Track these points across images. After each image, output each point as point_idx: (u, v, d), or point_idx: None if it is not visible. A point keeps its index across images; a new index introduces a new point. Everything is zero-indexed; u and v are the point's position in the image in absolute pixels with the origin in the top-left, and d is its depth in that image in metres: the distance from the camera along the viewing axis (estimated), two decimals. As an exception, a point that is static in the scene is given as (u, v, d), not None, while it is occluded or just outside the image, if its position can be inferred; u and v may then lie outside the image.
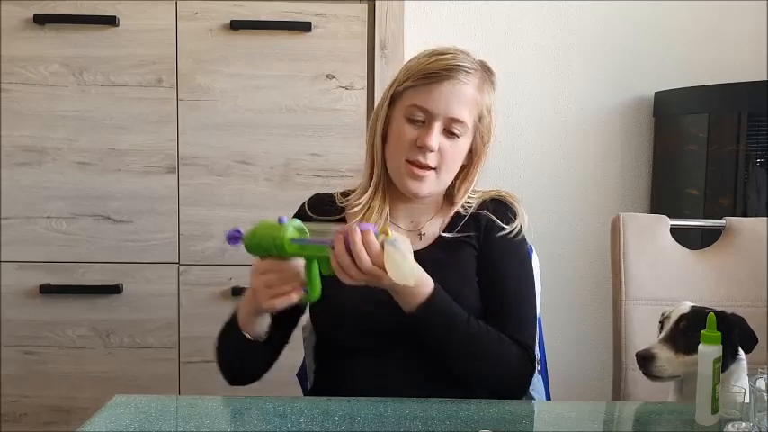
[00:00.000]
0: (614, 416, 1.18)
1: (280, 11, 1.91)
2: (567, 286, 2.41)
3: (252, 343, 1.26)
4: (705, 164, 2.12)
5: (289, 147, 1.94)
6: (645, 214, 1.85)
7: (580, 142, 2.41)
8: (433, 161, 1.28)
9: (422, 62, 1.29)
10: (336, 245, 1.11)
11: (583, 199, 2.42)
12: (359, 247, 1.09)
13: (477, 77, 1.30)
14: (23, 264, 1.95)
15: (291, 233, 1.14)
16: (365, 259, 1.09)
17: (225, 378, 1.33)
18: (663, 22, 2.38)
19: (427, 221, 1.36)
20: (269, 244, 1.14)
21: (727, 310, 1.24)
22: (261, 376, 1.34)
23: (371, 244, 1.10)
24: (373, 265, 1.10)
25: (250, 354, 1.28)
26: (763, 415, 0.98)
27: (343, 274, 1.12)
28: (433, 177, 1.29)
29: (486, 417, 1.12)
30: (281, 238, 1.13)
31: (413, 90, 1.28)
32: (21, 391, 1.97)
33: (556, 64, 2.38)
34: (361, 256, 1.09)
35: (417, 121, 1.28)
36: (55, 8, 1.90)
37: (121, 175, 1.94)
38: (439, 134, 1.27)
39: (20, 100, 1.91)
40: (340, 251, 1.10)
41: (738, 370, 1.21)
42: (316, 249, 1.13)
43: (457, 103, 1.27)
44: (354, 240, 1.09)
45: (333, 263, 1.11)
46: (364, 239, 1.10)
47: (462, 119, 1.28)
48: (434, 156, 1.28)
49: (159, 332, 1.97)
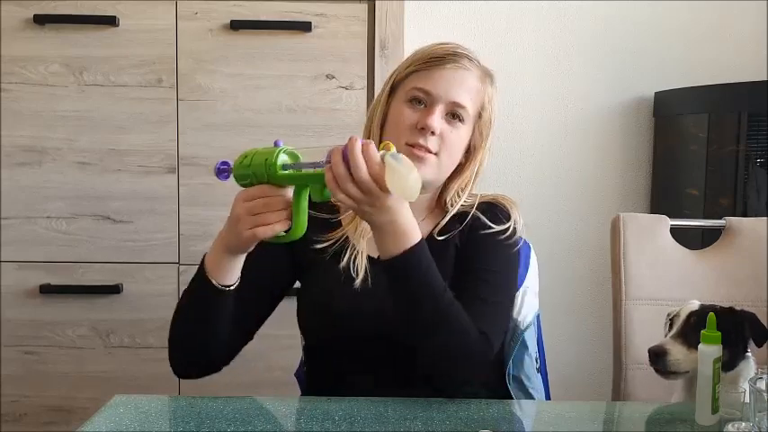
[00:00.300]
0: (614, 416, 1.18)
1: (280, 11, 1.91)
2: (566, 286, 2.42)
3: (220, 292, 1.17)
4: (705, 164, 2.12)
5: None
6: (645, 214, 1.85)
7: (580, 142, 2.41)
8: (434, 145, 1.24)
9: (425, 49, 1.29)
10: (333, 155, 1.02)
11: (583, 199, 2.42)
12: (357, 155, 1.00)
13: (480, 69, 1.30)
14: (23, 264, 1.95)
15: (284, 159, 1.07)
16: (362, 167, 1.00)
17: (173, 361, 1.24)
18: (663, 22, 2.38)
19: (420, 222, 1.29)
20: (260, 167, 1.06)
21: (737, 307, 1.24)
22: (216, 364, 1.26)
23: (371, 153, 1.01)
24: (370, 178, 1.01)
25: (214, 309, 1.19)
26: (763, 415, 0.98)
27: (337, 189, 1.02)
28: (434, 161, 1.25)
29: (486, 417, 1.12)
30: (275, 160, 1.05)
31: (415, 75, 1.27)
32: (21, 391, 1.97)
33: (556, 64, 2.38)
34: (359, 163, 1.00)
35: (419, 104, 1.26)
36: (55, 8, 1.90)
37: (121, 175, 1.94)
38: (441, 117, 1.25)
39: (20, 100, 1.91)
40: (336, 161, 1.01)
41: (747, 368, 1.22)
42: (312, 172, 1.04)
43: (459, 87, 1.26)
44: (353, 148, 1.00)
45: (327, 175, 1.02)
46: (364, 149, 1.01)
47: (464, 104, 1.26)
48: (436, 139, 1.24)
49: (159, 332, 1.96)
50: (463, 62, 1.27)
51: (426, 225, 1.32)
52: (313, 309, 1.31)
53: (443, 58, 1.26)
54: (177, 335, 1.25)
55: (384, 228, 1.08)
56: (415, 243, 1.10)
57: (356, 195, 1.02)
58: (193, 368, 1.28)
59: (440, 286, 1.13)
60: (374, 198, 1.03)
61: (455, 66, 1.26)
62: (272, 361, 1.92)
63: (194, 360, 1.26)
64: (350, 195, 1.02)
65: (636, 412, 1.21)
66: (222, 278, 1.17)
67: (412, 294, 1.12)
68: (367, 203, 1.04)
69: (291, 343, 1.61)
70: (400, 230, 1.08)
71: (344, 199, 1.03)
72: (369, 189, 1.01)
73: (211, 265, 1.18)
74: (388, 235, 1.09)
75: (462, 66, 1.26)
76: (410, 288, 1.11)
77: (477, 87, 1.28)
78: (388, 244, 1.09)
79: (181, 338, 1.25)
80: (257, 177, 1.08)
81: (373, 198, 1.03)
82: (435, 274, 1.13)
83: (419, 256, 1.10)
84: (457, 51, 1.27)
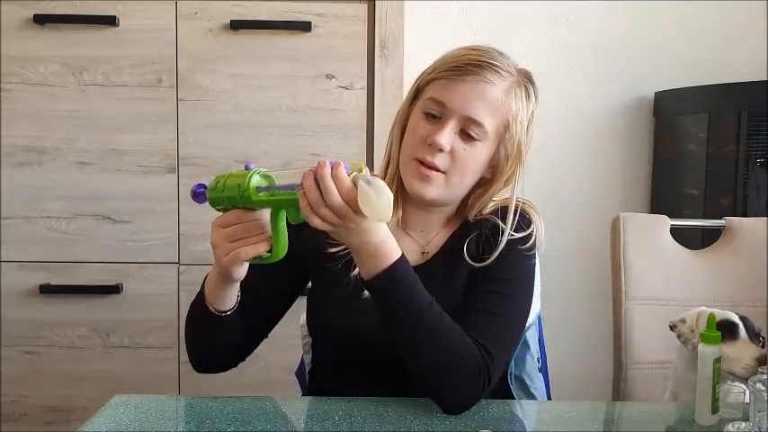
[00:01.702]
0: (614, 416, 1.18)
1: (280, 11, 1.91)
2: (567, 286, 2.42)
3: (218, 318, 1.17)
4: (705, 164, 2.12)
5: (289, 147, 1.94)
6: (645, 214, 1.86)
7: (580, 142, 2.41)
8: (442, 162, 1.18)
9: (452, 54, 1.21)
10: (306, 179, 1.00)
11: (583, 199, 2.42)
12: (327, 181, 0.98)
13: (508, 81, 1.20)
14: (23, 264, 1.95)
15: (258, 181, 1.04)
16: (333, 193, 0.98)
17: (191, 362, 1.26)
18: (663, 22, 2.38)
19: (435, 235, 1.28)
20: (233, 192, 1.05)
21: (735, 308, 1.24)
22: (232, 364, 1.28)
23: (341, 178, 0.98)
24: (343, 202, 0.99)
25: (216, 331, 1.20)
26: (763, 415, 0.98)
27: (312, 214, 1.00)
28: (441, 181, 1.19)
29: (486, 417, 1.12)
30: (247, 184, 1.03)
31: (435, 83, 1.20)
32: (21, 391, 1.97)
33: (556, 64, 2.38)
34: (330, 189, 0.98)
35: (433, 116, 1.19)
36: (55, 8, 1.90)
37: (121, 175, 1.94)
38: (452, 133, 1.18)
39: (20, 100, 1.91)
40: (309, 185, 0.99)
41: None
42: (285, 195, 1.03)
43: (477, 101, 1.17)
44: (323, 174, 0.98)
45: (301, 201, 1.00)
46: (334, 173, 0.98)
47: (481, 121, 1.17)
48: (445, 157, 1.18)
49: (159, 332, 1.97)
50: (486, 75, 1.17)
51: (442, 237, 1.28)
52: (322, 315, 1.29)
53: (464, 68, 1.17)
54: (188, 343, 1.27)
55: (361, 249, 1.07)
56: (393, 261, 1.08)
57: (331, 220, 1.01)
58: (209, 369, 1.28)
59: (424, 302, 1.10)
60: (349, 221, 1.01)
61: (476, 78, 1.17)
62: (272, 361, 1.92)
63: (208, 363, 1.28)
64: (325, 220, 1.01)
65: (636, 412, 1.21)
66: (219, 305, 1.18)
67: (394, 312, 1.10)
68: (342, 227, 1.03)
69: (291, 343, 1.61)
70: (379, 251, 1.07)
71: (320, 224, 1.02)
72: (343, 213, 1.00)
73: (208, 291, 1.18)
74: (366, 256, 1.07)
75: (484, 79, 1.17)
76: (391, 306, 1.10)
77: (500, 103, 1.19)
78: (368, 264, 1.08)
79: (192, 347, 1.26)
80: (231, 202, 1.07)
81: (348, 221, 1.01)
82: (418, 290, 1.10)
83: (400, 274, 1.08)
84: (481, 62, 1.18)
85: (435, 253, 1.27)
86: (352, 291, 1.19)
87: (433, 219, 1.29)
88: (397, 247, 1.09)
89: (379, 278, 1.08)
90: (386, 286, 1.08)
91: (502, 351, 1.18)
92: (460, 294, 1.22)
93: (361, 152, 1.94)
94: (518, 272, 1.24)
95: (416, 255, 1.27)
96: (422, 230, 1.29)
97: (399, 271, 1.08)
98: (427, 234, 1.29)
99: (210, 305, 1.18)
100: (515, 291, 1.22)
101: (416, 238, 1.29)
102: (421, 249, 1.28)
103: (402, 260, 1.09)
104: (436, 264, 1.26)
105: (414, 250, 1.28)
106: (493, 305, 1.19)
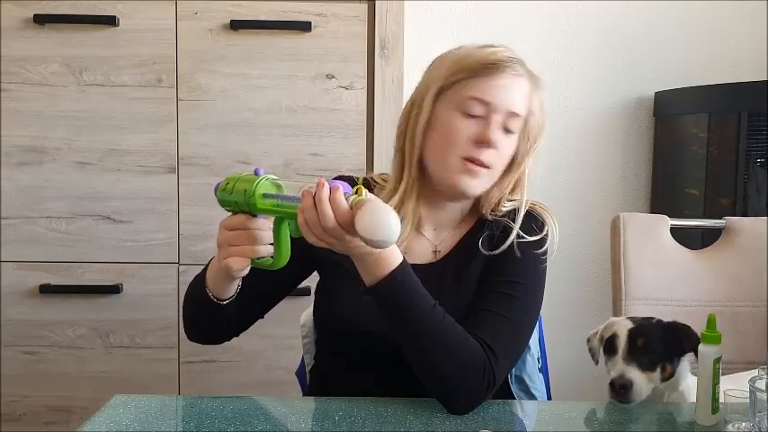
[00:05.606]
0: (614, 416, 1.18)
1: (279, 11, 1.91)
2: (567, 286, 2.42)
3: (216, 304, 1.20)
4: (705, 164, 2.12)
5: (289, 147, 1.94)
6: (645, 214, 1.86)
7: (580, 142, 2.41)
8: (490, 159, 1.20)
9: (476, 53, 1.21)
10: (304, 199, 1.01)
11: (583, 199, 2.42)
12: (324, 205, 0.99)
13: (528, 74, 1.24)
14: (23, 264, 1.95)
15: (265, 187, 1.06)
16: (329, 216, 0.99)
17: (185, 331, 1.29)
18: (663, 22, 2.38)
19: (448, 234, 1.29)
20: (240, 197, 1.07)
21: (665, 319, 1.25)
22: (225, 340, 1.30)
23: (338, 202, 1.00)
24: (338, 225, 1.00)
25: (213, 315, 1.22)
26: (763, 415, 0.98)
27: (309, 232, 1.02)
28: (487, 175, 1.22)
29: (486, 417, 1.12)
30: (253, 191, 1.05)
31: (467, 82, 1.20)
32: (20, 391, 1.97)
33: (556, 64, 2.38)
34: (326, 213, 0.99)
35: (473, 115, 1.19)
36: (55, 8, 1.90)
37: (121, 175, 1.94)
38: (499, 129, 1.20)
39: (20, 100, 1.91)
40: (307, 205, 1.01)
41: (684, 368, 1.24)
42: (289, 207, 1.04)
43: (517, 96, 1.21)
44: (320, 197, 1.00)
45: (299, 218, 1.02)
46: (332, 197, 1.00)
47: (520, 113, 1.21)
48: (492, 153, 1.20)
49: (159, 332, 1.96)
50: (517, 68, 1.21)
51: (454, 236, 1.29)
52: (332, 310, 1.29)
53: (498, 65, 1.19)
54: (185, 316, 1.29)
55: (361, 258, 1.08)
56: (394, 268, 1.09)
57: (327, 240, 1.03)
58: (202, 341, 1.31)
59: (426, 306, 1.11)
60: (345, 242, 1.03)
61: (511, 73, 1.20)
62: (271, 361, 1.92)
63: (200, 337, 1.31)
64: (321, 240, 1.03)
65: (636, 412, 1.21)
66: (218, 293, 1.19)
67: (397, 317, 1.11)
68: (340, 245, 1.04)
69: (291, 343, 1.62)
70: (380, 258, 1.08)
71: (316, 241, 1.03)
72: (338, 236, 1.01)
73: (210, 278, 1.20)
74: (367, 264, 1.09)
75: (517, 72, 1.21)
76: (394, 311, 1.11)
77: (530, 93, 1.23)
78: (369, 271, 1.09)
79: (187, 321, 1.29)
80: (239, 206, 1.09)
81: (344, 242, 1.03)
82: (421, 295, 1.11)
83: (400, 279, 1.09)
84: (511, 57, 1.21)
85: (447, 252, 1.28)
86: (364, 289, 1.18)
87: (447, 217, 1.30)
88: (398, 252, 1.10)
89: (381, 285, 1.09)
90: (388, 292, 1.09)
91: (507, 352, 1.18)
92: (471, 294, 1.23)
93: (361, 152, 1.94)
94: (530, 275, 1.25)
95: (428, 254, 1.28)
96: (435, 229, 1.30)
97: (401, 277, 1.09)
98: (440, 233, 1.30)
99: (210, 292, 1.19)
100: (525, 294, 1.23)
101: (429, 237, 1.29)
102: (433, 248, 1.29)
103: (403, 265, 1.10)
104: (448, 263, 1.27)
105: (426, 249, 1.28)
106: (501, 306, 1.20)
